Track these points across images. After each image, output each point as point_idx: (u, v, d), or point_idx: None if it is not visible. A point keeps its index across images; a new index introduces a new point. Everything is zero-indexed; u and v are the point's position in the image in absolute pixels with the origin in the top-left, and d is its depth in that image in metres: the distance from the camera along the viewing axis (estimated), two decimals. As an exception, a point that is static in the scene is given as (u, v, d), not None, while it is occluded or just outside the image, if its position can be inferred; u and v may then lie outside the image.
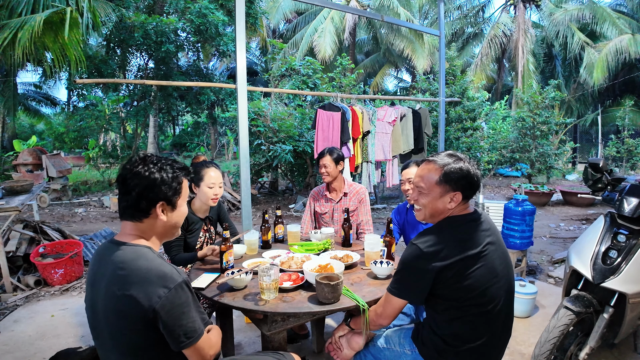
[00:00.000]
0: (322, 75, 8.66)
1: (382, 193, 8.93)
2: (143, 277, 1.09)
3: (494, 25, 14.96)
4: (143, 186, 1.16)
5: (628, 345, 2.45)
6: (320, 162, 2.77)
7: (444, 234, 1.38)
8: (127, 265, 1.12)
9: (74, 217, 7.23)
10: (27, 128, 18.46)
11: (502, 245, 1.45)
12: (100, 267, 1.18)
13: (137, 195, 1.15)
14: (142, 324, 1.10)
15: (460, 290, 1.34)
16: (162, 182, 1.18)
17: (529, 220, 3.40)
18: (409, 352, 1.52)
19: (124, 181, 1.16)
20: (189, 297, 1.13)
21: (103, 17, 6.25)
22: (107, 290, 1.13)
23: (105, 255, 1.18)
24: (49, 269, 3.66)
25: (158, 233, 1.24)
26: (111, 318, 1.13)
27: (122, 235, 1.21)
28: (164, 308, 1.07)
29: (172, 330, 1.10)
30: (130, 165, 1.18)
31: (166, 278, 1.10)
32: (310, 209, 2.92)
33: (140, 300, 1.07)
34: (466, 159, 1.44)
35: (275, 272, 1.62)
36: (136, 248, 1.17)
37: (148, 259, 1.14)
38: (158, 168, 1.19)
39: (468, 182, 1.40)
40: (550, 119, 8.90)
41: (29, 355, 2.54)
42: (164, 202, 1.20)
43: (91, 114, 9.19)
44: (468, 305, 1.36)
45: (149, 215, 1.19)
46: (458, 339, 1.39)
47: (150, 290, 1.08)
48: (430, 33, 5.85)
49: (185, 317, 1.11)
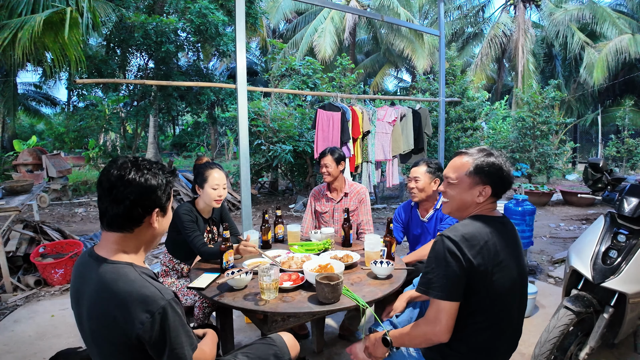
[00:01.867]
0: (322, 75, 8.67)
1: (382, 193, 8.93)
2: (124, 302, 1.00)
3: (494, 25, 14.96)
4: (138, 193, 1.05)
5: (628, 345, 2.45)
6: (322, 162, 2.76)
7: (476, 230, 1.30)
8: (107, 287, 1.03)
9: (74, 217, 7.23)
10: (27, 128, 18.45)
11: (522, 257, 1.41)
12: (82, 285, 1.11)
13: (130, 204, 1.04)
14: (127, 348, 1.03)
15: (479, 295, 1.28)
16: (158, 188, 1.09)
17: (529, 220, 3.40)
18: (414, 354, 1.50)
19: (113, 188, 1.04)
20: (174, 322, 1.03)
21: (103, 17, 6.25)
22: (90, 311, 1.07)
23: (86, 272, 1.11)
24: (49, 269, 3.66)
25: (145, 242, 1.14)
26: (97, 339, 1.07)
27: (103, 247, 1.10)
28: (146, 334, 0.99)
29: (160, 355, 1.03)
30: (120, 170, 1.05)
31: (148, 302, 1.00)
32: (311, 207, 2.92)
33: (122, 327, 1.00)
34: (499, 155, 1.40)
35: (275, 272, 1.62)
36: (116, 267, 1.06)
37: (129, 280, 1.03)
38: (152, 174, 1.08)
39: (499, 177, 1.36)
40: (550, 119, 8.91)
41: (29, 355, 2.54)
42: (158, 209, 1.11)
43: (91, 114, 9.20)
44: (480, 312, 1.30)
45: (141, 225, 1.09)
46: (465, 346, 1.34)
47: (132, 315, 0.99)
48: (430, 33, 5.86)
49: (172, 343, 1.03)
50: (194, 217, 2.20)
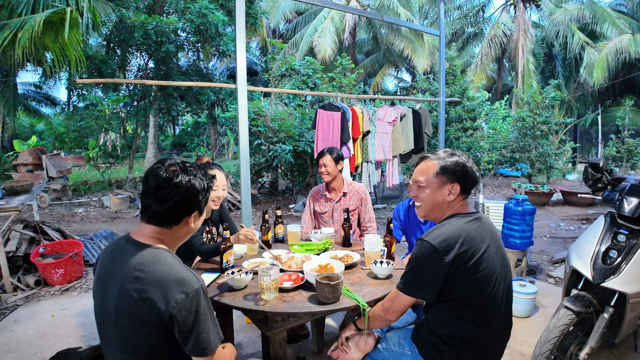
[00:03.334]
0: (322, 75, 8.66)
1: (382, 193, 8.93)
2: (162, 281, 1.08)
3: (494, 25, 14.95)
4: (182, 196, 1.14)
5: (628, 345, 2.45)
6: (320, 162, 2.77)
7: (454, 229, 1.37)
8: (145, 268, 1.10)
9: (74, 217, 7.23)
10: (27, 128, 18.44)
11: (501, 248, 1.47)
12: (114, 266, 1.16)
13: (174, 204, 1.14)
14: (155, 328, 1.09)
15: (464, 289, 1.34)
16: (200, 192, 1.18)
17: (529, 220, 3.40)
18: (408, 352, 1.52)
19: (160, 188, 1.13)
20: (205, 307, 1.11)
21: (103, 17, 6.24)
22: (121, 291, 1.11)
23: (121, 255, 1.16)
24: (49, 269, 3.66)
25: (178, 238, 1.24)
26: (122, 319, 1.11)
27: (140, 235, 1.18)
28: (180, 313, 1.06)
29: (188, 337, 1.09)
30: (169, 172, 1.14)
31: (184, 283, 1.08)
32: (309, 208, 2.92)
33: (158, 304, 1.06)
34: (461, 154, 1.48)
35: (275, 272, 1.62)
36: (156, 251, 1.15)
37: (168, 263, 1.12)
38: (197, 179, 1.18)
39: (464, 173, 1.44)
40: (550, 119, 8.90)
41: (29, 355, 2.54)
42: (197, 211, 1.20)
43: (91, 114, 9.18)
44: (468, 305, 1.36)
45: (179, 223, 1.18)
46: (457, 340, 1.39)
47: (168, 294, 1.06)
48: (430, 33, 5.86)
49: (200, 326, 1.09)
50: None
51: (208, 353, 1.11)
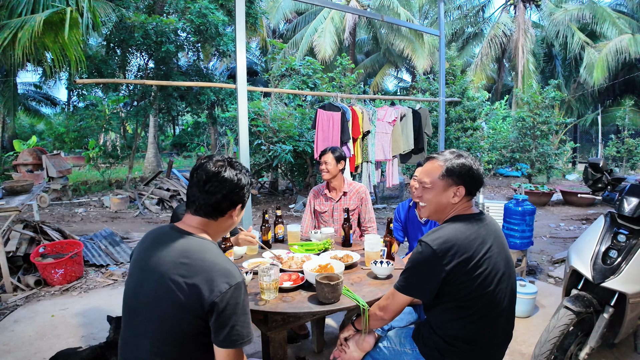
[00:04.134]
0: (322, 75, 8.66)
1: (382, 193, 8.93)
2: (208, 270, 1.11)
3: (494, 25, 14.95)
4: (229, 189, 1.20)
5: (628, 345, 2.45)
6: (322, 159, 2.79)
7: (454, 232, 1.36)
8: (192, 255, 1.14)
9: (74, 217, 7.23)
10: (27, 128, 18.46)
11: (505, 248, 1.45)
12: (157, 251, 1.18)
13: (222, 197, 1.20)
14: (193, 315, 1.11)
15: (465, 290, 1.33)
16: (245, 187, 1.25)
17: (529, 220, 3.40)
18: (409, 351, 1.52)
19: (208, 182, 1.19)
20: (244, 300, 1.15)
21: (103, 17, 6.25)
22: (164, 275, 1.13)
23: (165, 241, 1.19)
24: (49, 269, 3.66)
25: (222, 230, 1.29)
26: (160, 303, 1.13)
27: (186, 225, 1.23)
28: (222, 302, 1.09)
29: (223, 327, 1.11)
30: (217, 167, 1.21)
31: (229, 275, 1.12)
32: (310, 207, 2.93)
33: (203, 291, 1.09)
34: (468, 155, 1.47)
35: (275, 272, 1.62)
36: (203, 241, 1.19)
37: (215, 253, 1.17)
38: (243, 174, 1.25)
39: (470, 176, 1.42)
40: (551, 119, 8.90)
41: (29, 355, 2.54)
42: (241, 204, 1.26)
43: (91, 114, 9.18)
44: (470, 305, 1.35)
45: (224, 215, 1.24)
46: (459, 340, 1.39)
47: (213, 283, 1.10)
48: (430, 33, 5.85)
49: (237, 318, 1.12)
50: None
51: (238, 345, 1.13)
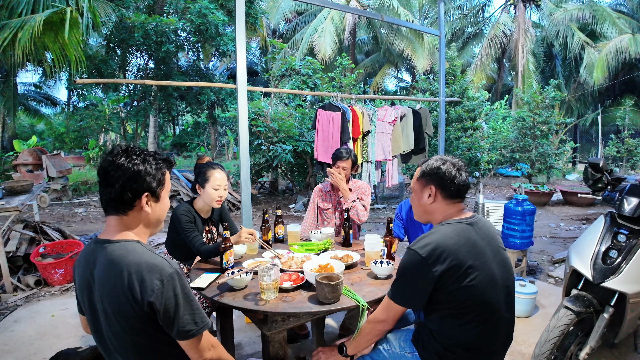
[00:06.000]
0: (322, 75, 8.66)
1: (382, 193, 8.93)
2: (135, 272, 1.08)
3: (494, 25, 14.95)
4: (127, 177, 1.13)
5: (628, 345, 2.45)
6: (339, 164, 2.76)
7: (442, 238, 1.35)
8: (117, 262, 1.10)
9: (74, 217, 7.23)
10: (27, 128, 18.45)
11: (501, 251, 1.44)
12: (90, 270, 1.16)
13: (120, 187, 1.13)
14: (140, 321, 1.09)
15: (459, 297, 1.32)
16: (147, 173, 1.16)
17: (529, 220, 3.40)
18: (409, 354, 1.50)
19: (106, 173, 1.13)
20: (183, 288, 1.11)
21: (103, 17, 6.25)
22: (101, 291, 1.12)
23: (93, 258, 1.16)
24: (49, 269, 3.66)
25: (143, 226, 1.22)
26: (110, 319, 1.11)
27: (107, 232, 1.18)
28: (158, 300, 1.06)
29: (171, 323, 1.10)
30: (112, 157, 1.14)
31: (157, 270, 1.08)
32: (313, 204, 2.95)
33: (135, 295, 1.06)
34: (451, 160, 1.48)
35: (275, 272, 1.62)
36: (124, 244, 1.14)
37: (137, 252, 1.12)
38: (141, 159, 1.16)
39: (440, 177, 1.45)
40: (551, 119, 8.90)
41: (29, 355, 2.54)
42: (148, 193, 1.17)
43: (91, 114, 9.18)
44: (467, 312, 1.34)
45: (133, 208, 1.16)
46: (458, 347, 1.37)
47: (143, 284, 1.06)
48: (430, 33, 5.85)
49: (180, 309, 1.10)
50: (191, 217, 2.19)
51: (193, 335, 1.11)
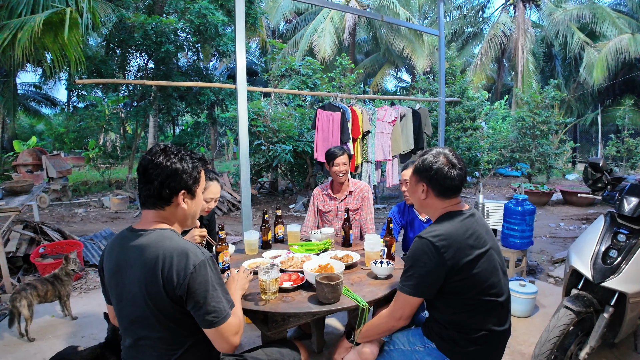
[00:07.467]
0: (322, 75, 8.66)
1: (382, 193, 8.93)
2: (169, 257, 1.12)
3: (494, 25, 14.95)
4: (165, 175, 1.19)
5: (628, 345, 2.45)
6: (337, 161, 2.73)
7: (450, 226, 1.39)
8: (152, 247, 1.15)
9: (74, 218, 7.23)
10: (27, 128, 18.42)
11: (496, 241, 1.51)
12: (121, 255, 1.20)
13: (159, 184, 1.19)
14: (171, 305, 1.13)
15: (468, 285, 1.36)
16: (183, 171, 1.22)
17: (529, 220, 3.40)
18: (421, 348, 1.50)
19: (145, 171, 1.20)
20: (213, 276, 1.16)
21: (103, 17, 6.25)
22: (133, 275, 1.15)
23: (127, 244, 1.20)
24: (49, 270, 3.65)
25: (178, 221, 1.28)
26: (140, 302, 1.14)
27: (143, 224, 1.24)
28: (189, 285, 1.10)
29: (199, 309, 1.12)
30: (151, 155, 1.21)
31: (190, 255, 1.13)
32: (313, 206, 2.92)
33: (168, 279, 1.11)
34: (445, 154, 1.46)
35: (275, 272, 1.62)
36: (160, 231, 1.20)
37: (173, 239, 1.17)
38: (179, 158, 1.22)
39: (431, 175, 1.45)
40: (550, 119, 8.90)
41: (29, 355, 2.54)
42: (185, 190, 1.23)
43: (91, 114, 9.18)
44: (475, 298, 1.38)
45: (170, 204, 1.23)
46: (471, 329, 1.41)
47: (176, 269, 1.11)
48: (430, 33, 5.85)
49: (210, 296, 1.13)
50: None
51: (220, 323, 1.14)
